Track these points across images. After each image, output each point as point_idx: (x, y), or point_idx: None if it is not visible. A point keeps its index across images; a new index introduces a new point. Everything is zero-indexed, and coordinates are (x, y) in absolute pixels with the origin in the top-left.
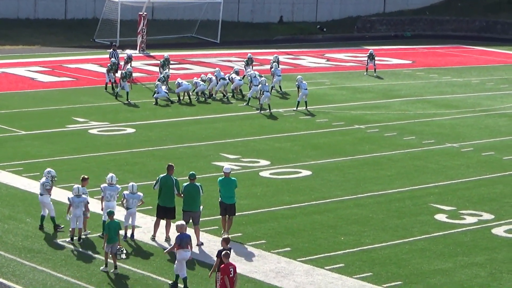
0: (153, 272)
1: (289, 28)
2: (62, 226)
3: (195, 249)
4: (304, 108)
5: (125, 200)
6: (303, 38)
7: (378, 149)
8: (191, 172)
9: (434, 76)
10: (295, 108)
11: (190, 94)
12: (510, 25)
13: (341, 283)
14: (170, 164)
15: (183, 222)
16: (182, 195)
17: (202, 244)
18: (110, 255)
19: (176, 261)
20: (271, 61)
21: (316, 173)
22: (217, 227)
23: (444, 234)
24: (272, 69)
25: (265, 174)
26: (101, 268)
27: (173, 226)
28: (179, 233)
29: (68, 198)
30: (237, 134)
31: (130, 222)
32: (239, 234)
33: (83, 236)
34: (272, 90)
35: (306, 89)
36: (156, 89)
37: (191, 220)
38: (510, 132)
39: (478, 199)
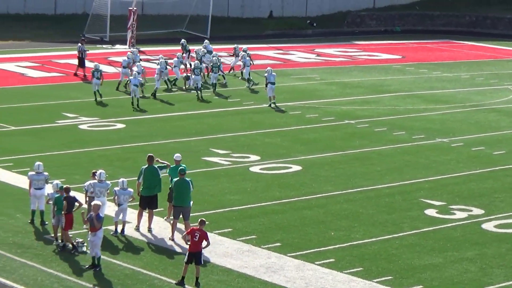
0: (143, 267)
1: (279, 23)
2: (46, 223)
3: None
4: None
5: (116, 196)
6: (293, 33)
7: (368, 144)
8: (181, 167)
9: (424, 71)
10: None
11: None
12: (500, 20)
13: (331, 278)
14: (150, 154)
15: (99, 203)
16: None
17: None
18: (60, 229)
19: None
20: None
21: (306, 168)
22: (208, 222)
23: (434, 229)
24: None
25: (255, 169)
26: (54, 243)
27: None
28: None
29: (47, 194)
30: (227, 129)
31: (120, 217)
32: (229, 229)
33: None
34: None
35: (273, 83)
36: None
37: (181, 216)
38: (499, 127)
39: (468, 194)
